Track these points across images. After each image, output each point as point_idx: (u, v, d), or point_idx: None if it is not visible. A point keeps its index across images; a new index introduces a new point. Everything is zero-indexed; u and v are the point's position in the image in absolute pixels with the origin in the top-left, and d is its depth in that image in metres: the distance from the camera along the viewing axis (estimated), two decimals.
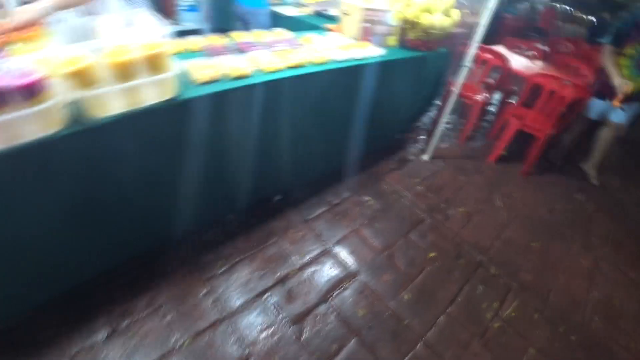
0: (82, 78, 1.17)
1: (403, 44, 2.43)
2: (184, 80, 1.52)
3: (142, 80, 1.28)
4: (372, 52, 2.09)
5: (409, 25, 2.35)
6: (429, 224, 2.22)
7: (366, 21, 2.24)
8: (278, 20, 3.19)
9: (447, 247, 2.07)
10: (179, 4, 3.80)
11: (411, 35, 2.39)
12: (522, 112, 2.91)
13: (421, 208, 2.33)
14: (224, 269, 1.77)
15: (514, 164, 3.01)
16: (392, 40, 2.39)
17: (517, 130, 2.80)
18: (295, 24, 3.02)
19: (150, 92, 1.34)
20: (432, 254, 2.00)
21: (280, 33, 2.20)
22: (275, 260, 1.86)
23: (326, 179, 2.42)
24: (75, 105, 1.20)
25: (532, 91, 2.98)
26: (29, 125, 1.09)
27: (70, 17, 1.80)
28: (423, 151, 2.92)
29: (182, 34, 4.06)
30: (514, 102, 3.47)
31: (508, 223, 2.34)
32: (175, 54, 1.82)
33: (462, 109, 3.53)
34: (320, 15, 3.14)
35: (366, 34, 2.28)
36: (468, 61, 2.42)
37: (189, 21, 3.91)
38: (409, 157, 2.87)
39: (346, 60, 1.94)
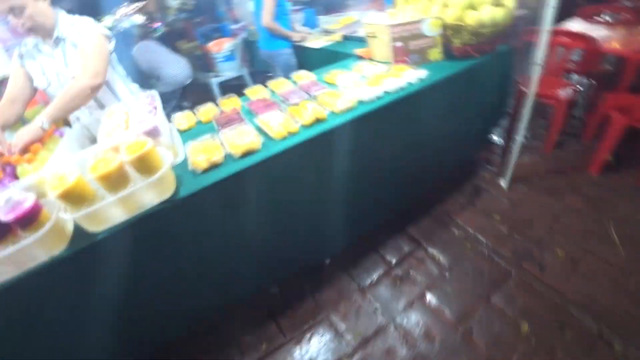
0: (72, 197, 1.09)
1: (449, 54, 1.98)
2: (184, 171, 1.34)
3: (131, 188, 1.14)
4: (410, 77, 1.70)
5: (451, 30, 1.91)
6: (517, 279, 1.70)
7: (397, 40, 1.86)
8: (306, 55, 2.96)
9: (545, 313, 1.54)
10: (215, 57, 3.83)
11: (457, 42, 1.94)
12: (627, 103, 2.20)
13: (505, 256, 1.81)
14: (267, 353, 1.56)
15: (626, 173, 2.25)
16: (435, 54, 1.96)
17: (625, 128, 2.11)
18: (325, 56, 2.74)
19: (146, 195, 1.21)
20: (524, 326, 1.49)
21: (301, 77, 1.94)
22: (325, 341, 1.57)
23: (382, 230, 2.05)
24: (74, 222, 1.15)
25: (638, 72, 2.25)
26: (32, 251, 1.05)
27: (83, 115, 1.77)
28: (499, 174, 2.36)
29: (224, 83, 4.18)
30: (611, 89, 2.70)
31: (631, 266, 1.68)
32: (186, 130, 1.69)
33: (542, 109, 2.86)
34: (349, 39, 2.82)
35: (400, 55, 1.90)
36: (540, 56, 1.87)
37: (228, 70, 3.93)
38: (482, 186, 2.33)
39: (377, 99, 1.59)
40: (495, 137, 2.76)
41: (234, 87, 4.69)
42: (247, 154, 1.35)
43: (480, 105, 2.14)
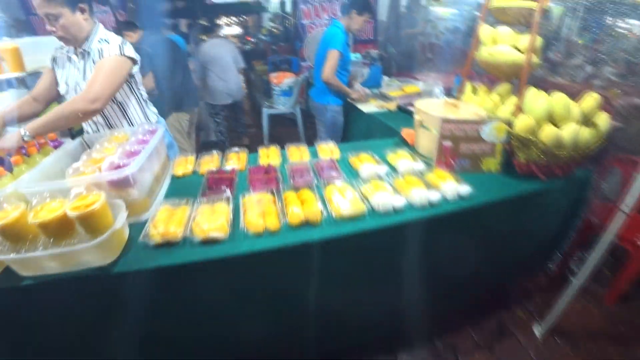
0: (8, 234, 0.97)
1: (508, 167, 1.54)
2: (137, 238, 1.07)
3: (66, 247, 0.96)
4: (449, 190, 1.28)
5: (518, 142, 1.47)
6: None
7: (446, 138, 1.47)
8: (354, 115, 2.65)
9: None
10: (274, 89, 3.68)
11: (522, 157, 1.49)
12: None
13: None
14: None
15: None
16: (491, 164, 1.53)
17: None
18: (371, 123, 2.41)
19: (85, 255, 0.99)
20: None
21: (324, 150, 1.61)
22: None
23: (367, 347, 1.62)
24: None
25: None
26: None
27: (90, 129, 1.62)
28: (536, 316, 1.80)
29: (276, 116, 4.03)
30: None
31: None
32: (180, 177, 1.45)
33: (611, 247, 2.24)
34: (402, 111, 2.45)
35: (446, 156, 1.49)
36: (630, 203, 1.37)
37: (282, 105, 3.76)
38: (510, 326, 1.77)
39: (394, 213, 1.20)
40: (543, 266, 2.16)
41: (284, 120, 4.53)
42: (209, 241, 1.05)
43: (534, 234, 1.64)
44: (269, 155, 1.56)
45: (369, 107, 2.58)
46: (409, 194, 1.25)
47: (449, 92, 2.50)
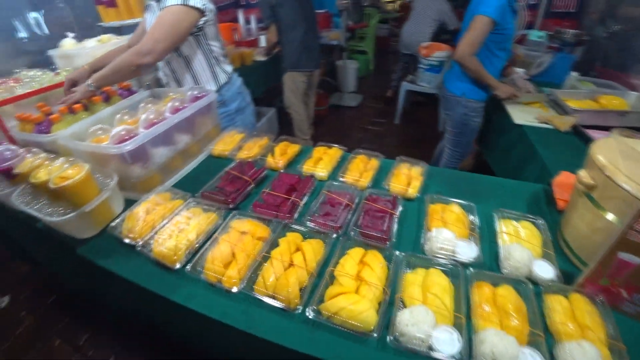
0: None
1: None
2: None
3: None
4: None
5: None
6: None
7: (636, 247, 0.63)
8: (497, 124, 1.70)
9: None
10: (420, 61, 2.82)
11: None
12: None
13: None
14: None
15: None
16: None
17: None
18: (517, 143, 1.44)
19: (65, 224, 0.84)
20: None
21: (401, 177, 0.95)
22: None
23: None
24: None
25: None
26: None
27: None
28: None
29: (417, 93, 3.17)
30: None
31: None
32: (217, 156, 1.14)
33: None
34: (581, 136, 1.31)
35: (612, 280, 0.65)
36: None
37: (425, 82, 2.88)
38: None
39: None
40: None
41: (429, 98, 3.42)
42: (160, 264, 0.73)
43: None
44: (321, 159, 1.06)
45: (524, 114, 1.53)
46: (484, 342, 0.57)
47: None
